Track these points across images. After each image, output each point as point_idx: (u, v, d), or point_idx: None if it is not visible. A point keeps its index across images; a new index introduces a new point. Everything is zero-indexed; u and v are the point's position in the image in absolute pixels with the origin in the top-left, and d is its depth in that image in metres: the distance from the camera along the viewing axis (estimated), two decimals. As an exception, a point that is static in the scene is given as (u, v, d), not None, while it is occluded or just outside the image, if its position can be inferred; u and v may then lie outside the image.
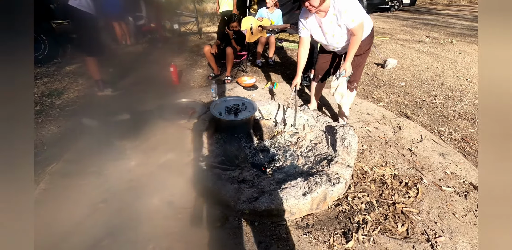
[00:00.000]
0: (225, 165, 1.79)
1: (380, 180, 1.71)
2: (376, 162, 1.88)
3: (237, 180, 1.62)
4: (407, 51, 4.97)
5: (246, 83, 3.15)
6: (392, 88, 3.27)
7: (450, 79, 3.60)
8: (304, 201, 1.36)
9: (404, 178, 1.72)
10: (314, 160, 1.79)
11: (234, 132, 1.97)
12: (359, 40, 1.84)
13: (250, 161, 1.85)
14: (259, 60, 3.96)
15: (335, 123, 1.99)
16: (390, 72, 3.87)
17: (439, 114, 2.64)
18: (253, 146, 2.03)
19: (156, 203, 1.50)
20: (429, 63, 4.28)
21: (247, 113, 1.94)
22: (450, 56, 4.67)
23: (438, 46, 5.35)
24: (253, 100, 2.15)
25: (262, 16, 4.00)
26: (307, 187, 1.42)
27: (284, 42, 5.36)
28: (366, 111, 2.62)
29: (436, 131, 2.32)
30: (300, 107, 2.25)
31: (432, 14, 10.37)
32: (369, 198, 1.56)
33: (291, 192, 1.39)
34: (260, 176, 1.68)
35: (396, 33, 6.60)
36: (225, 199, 1.40)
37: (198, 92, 3.06)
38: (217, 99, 2.10)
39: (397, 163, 1.88)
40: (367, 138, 2.18)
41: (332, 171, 1.57)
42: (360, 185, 1.66)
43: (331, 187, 1.45)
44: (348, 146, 1.70)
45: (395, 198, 1.56)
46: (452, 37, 6.03)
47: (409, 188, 1.63)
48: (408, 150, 2.02)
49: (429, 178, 1.72)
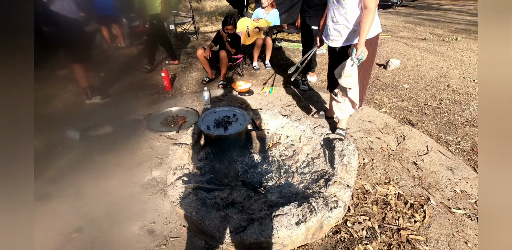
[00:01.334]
0: (213, 184, 1.65)
1: (382, 200, 1.56)
2: (379, 179, 1.73)
3: (225, 202, 1.49)
4: (410, 50, 4.77)
5: (241, 89, 2.99)
6: (395, 92, 3.10)
7: (456, 81, 3.42)
8: (298, 231, 1.22)
9: (409, 198, 1.57)
10: (311, 178, 1.65)
11: (224, 147, 1.83)
12: (373, 14, 1.57)
13: (241, 179, 1.71)
14: (255, 63, 3.80)
15: (333, 135, 1.84)
16: (393, 73, 3.69)
17: (445, 121, 2.47)
18: (245, 160, 1.89)
19: (136, 231, 1.36)
20: (433, 63, 4.09)
21: (238, 127, 1.79)
22: (456, 55, 4.47)
23: (443, 44, 5.14)
24: (248, 107, 2.00)
25: (258, 16, 3.82)
26: (301, 214, 1.28)
27: (283, 42, 5.18)
28: (368, 119, 2.46)
29: (443, 140, 2.16)
30: (296, 117, 2.10)
31: (435, 10, 10.08)
32: (370, 222, 1.41)
33: (283, 221, 1.25)
34: (252, 197, 1.54)
35: (398, 31, 6.38)
36: (209, 229, 1.26)
37: (190, 99, 2.92)
38: (206, 111, 1.96)
39: (402, 179, 1.72)
40: (369, 149, 2.03)
41: (329, 192, 1.42)
42: (360, 207, 1.52)
43: (328, 212, 1.31)
44: (347, 163, 1.55)
45: (399, 223, 1.41)
46: (457, 34, 5.80)
47: (415, 210, 1.48)
48: (413, 163, 1.87)
49: (437, 198, 1.57)
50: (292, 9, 5.69)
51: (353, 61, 1.62)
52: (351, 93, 1.78)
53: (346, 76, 1.69)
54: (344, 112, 2.03)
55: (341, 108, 2.04)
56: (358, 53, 1.59)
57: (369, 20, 1.57)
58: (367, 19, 1.57)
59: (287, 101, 2.84)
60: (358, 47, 1.59)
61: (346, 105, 1.99)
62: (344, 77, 1.69)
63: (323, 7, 2.67)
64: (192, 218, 1.28)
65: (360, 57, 1.60)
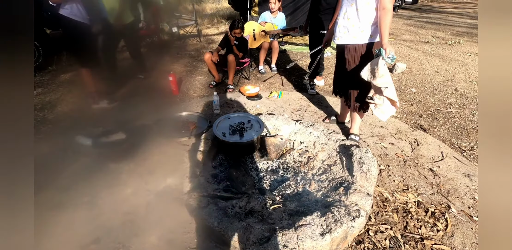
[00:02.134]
0: (230, 191, 1.63)
1: (403, 208, 1.54)
2: (397, 186, 1.71)
3: (243, 211, 1.46)
4: (415, 53, 4.78)
5: (249, 93, 2.98)
6: (403, 96, 3.10)
7: (463, 85, 3.42)
8: (323, 242, 1.20)
9: (429, 206, 1.55)
10: (329, 185, 1.63)
11: (240, 154, 1.81)
12: (390, 14, 1.60)
13: (258, 186, 1.69)
14: (262, 67, 3.79)
15: (349, 142, 1.82)
16: (400, 77, 3.69)
17: (457, 126, 2.47)
18: (259, 167, 1.87)
19: (154, 241, 1.33)
20: (438, 67, 4.10)
21: (253, 133, 1.77)
22: (460, 58, 4.49)
23: (446, 47, 5.16)
24: (258, 111, 1.98)
25: (265, 20, 3.81)
26: (325, 224, 1.25)
27: (287, 45, 5.18)
28: (379, 124, 2.45)
29: (456, 146, 2.15)
30: (309, 123, 2.08)
31: (435, 12, 10.15)
32: (392, 231, 1.39)
33: (308, 232, 1.22)
34: (270, 205, 1.51)
35: (401, 34, 6.41)
36: (232, 239, 1.23)
37: (199, 104, 2.89)
38: (220, 117, 1.94)
39: (420, 186, 1.71)
40: (383, 156, 2.01)
41: (350, 201, 1.40)
42: (381, 215, 1.50)
43: (351, 222, 1.29)
44: (367, 171, 1.54)
45: (422, 232, 1.39)
46: (460, 37, 5.84)
47: (437, 218, 1.47)
48: (429, 170, 1.85)
49: (457, 206, 1.56)
50: (296, 13, 5.70)
51: (385, 60, 1.60)
52: (388, 92, 1.69)
53: (381, 76, 1.64)
54: (387, 113, 1.89)
55: (383, 111, 1.88)
56: (388, 52, 1.58)
57: (387, 20, 1.59)
58: (386, 18, 1.59)
59: (297, 106, 2.83)
60: (385, 48, 1.58)
61: (386, 106, 1.86)
62: (379, 78, 1.65)
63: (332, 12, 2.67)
64: (214, 229, 1.26)
65: (391, 56, 1.58)
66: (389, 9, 1.58)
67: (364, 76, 1.71)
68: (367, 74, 1.69)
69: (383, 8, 1.59)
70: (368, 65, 1.68)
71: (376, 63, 1.62)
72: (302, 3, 5.55)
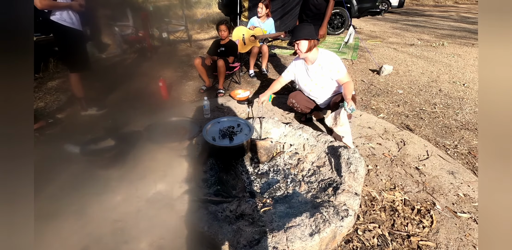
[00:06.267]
0: (220, 195, 1.63)
1: (390, 206, 1.58)
2: (384, 185, 1.75)
3: (234, 215, 1.47)
4: (401, 56, 4.92)
5: (239, 97, 3.00)
6: (390, 97, 3.18)
7: (447, 85, 3.54)
8: (312, 242, 1.22)
9: (415, 203, 1.59)
10: (318, 186, 1.65)
11: (230, 157, 1.82)
12: (352, 84, 2.01)
13: (248, 189, 1.70)
14: (252, 71, 3.83)
15: (337, 143, 1.86)
16: (387, 79, 3.79)
17: (441, 125, 2.54)
18: (250, 170, 1.88)
19: (145, 248, 1.33)
20: (424, 68, 4.23)
21: (243, 137, 1.79)
22: (444, 60, 4.64)
23: (431, 49, 5.33)
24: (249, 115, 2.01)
25: (254, 25, 3.87)
26: (314, 225, 1.28)
27: (277, 49, 5.25)
28: (367, 125, 2.50)
29: (441, 145, 2.22)
30: (299, 125, 2.11)
31: (420, 16, 10.48)
32: (380, 230, 1.42)
33: (297, 233, 1.24)
34: (261, 208, 1.53)
35: (387, 36, 6.59)
36: (222, 243, 1.24)
37: (189, 109, 2.90)
38: (210, 121, 1.95)
39: (406, 185, 1.75)
40: (371, 156, 2.06)
41: (339, 201, 1.43)
42: (369, 214, 1.53)
43: (340, 221, 1.31)
44: (354, 171, 1.57)
45: (408, 229, 1.43)
46: (443, 40, 6.04)
47: (423, 215, 1.51)
48: (415, 168, 1.90)
49: (442, 203, 1.60)
50: (285, 17, 5.80)
51: (347, 110, 1.82)
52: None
53: (341, 125, 1.83)
54: None
55: None
56: (349, 105, 1.81)
57: (351, 87, 1.97)
58: (349, 86, 1.96)
59: (287, 109, 2.86)
60: (347, 101, 1.82)
61: None
62: (339, 126, 1.84)
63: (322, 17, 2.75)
64: (204, 233, 1.26)
65: (351, 108, 1.81)
66: (350, 81, 2.01)
67: (328, 123, 1.94)
68: (330, 121, 1.92)
69: (344, 83, 2.01)
70: (332, 114, 1.92)
71: (338, 112, 1.85)
72: (291, 8, 5.66)
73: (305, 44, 1.97)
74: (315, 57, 2.08)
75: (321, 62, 2.07)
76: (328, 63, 2.04)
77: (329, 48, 5.28)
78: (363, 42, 5.54)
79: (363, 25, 7.90)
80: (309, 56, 2.06)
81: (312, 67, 2.13)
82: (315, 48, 2.04)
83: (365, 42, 5.88)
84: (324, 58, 2.07)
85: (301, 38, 1.95)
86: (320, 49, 2.10)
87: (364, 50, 5.08)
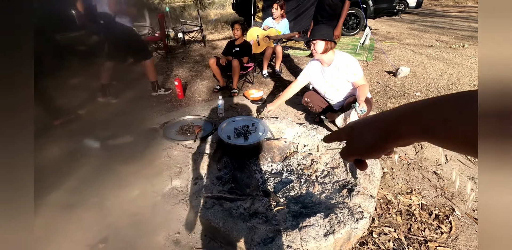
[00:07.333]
0: (234, 193, 1.65)
1: (406, 210, 1.55)
2: (400, 189, 1.72)
3: (248, 212, 1.48)
4: (418, 57, 4.79)
5: (253, 97, 3.02)
6: (407, 100, 3.11)
7: (468, 88, 3.42)
8: (327, 243, 1.21)
9: (433, 208, 1.55)
10: (332, 187, 1.64)
11: (244, 156, 1.84)
12: (367, 87, 1.98)
13: (262, 188, 1.71)
14: (265, 71, 3.85)
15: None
16: (403, 81, 3.70)
17: (461, 129, 2.46)
18: (264, 169, 1.89)
19: (161, 242, 1.36)
20: (442, 70, 4.10)
21: (257, 136, 1.80)
22: (464, 62, 4.48)
23: (450, 51, 5.16)
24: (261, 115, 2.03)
25: (268, 25, 3.89)
26: (328, 225, 1.27)
27: (290, 50, 5.24)
28: (383, 127, 2.46)
29: (460, 149, 2.15)
30: (313, 126, 2.11)
31: (439, 17, 10.17)
32: (396, 234, 1.40)
33: (311, 232, 1.24)
34: (274, 207, 1.53)
35: (404, 38, 6.43)
36: (237, 240, 1.26)
37: (204, 107, 2.95)
38: (225, 120, 1.98)
39: (423, 189, 1.71)
40: (387, 159, 2.02)
41: (354, 203, 1.42)
42: (384, 217, 1.50)
43: (355, 223, 1.30)
44: (370, 173, 1.55)
45: (426, 234, 1.39)
46: (464, 41, 5.84)
47: (441, 221, 1.47)
48: (433, 173, 1.85)
49: (461, 209, 1.55)
50: (299, 18, 5.79)
51: (357, 112, 1.88)
52: None
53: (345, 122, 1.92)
54: None
55: None
56: (361, 106, 1.86)
57: (366, 89, 1.96)
58: (364, 89, 1.95)
59: (300, 109, 2.86)
60: (359, 102, 1.87)
61: None
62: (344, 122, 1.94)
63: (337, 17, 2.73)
64: (219, 229, 1.28)
65: (362, 109, 1.85)
66: (365, 84, 1.98)
67: (338, 123, 2.00)
68: (341, 122, 2.00)
69: (360, 85, 1.99)
70: (342, 114, 2.00)
71: (349, 114, 1.92)
72: (306, 9, 5.64)
73: (321, 45, 1.97)
74: (331, 59, 2.07)
75: (338, 64, 2.06)
76: (344, 66, 2.02)
77: (343, 49, 5.22)
78: (378, 44, 5.44)
79: (378, 26, 7.76)
80: (324, 58, 2.05)
81: (328, 69, 2.12)
82: (331, 51, 2.03)
83: (381, 43, 5.77)
84: (341, 61, 2.05)
85: (318, 38, 1.94)
86: (336, 51, 2.09)
87: (380, 52, 4.99)
